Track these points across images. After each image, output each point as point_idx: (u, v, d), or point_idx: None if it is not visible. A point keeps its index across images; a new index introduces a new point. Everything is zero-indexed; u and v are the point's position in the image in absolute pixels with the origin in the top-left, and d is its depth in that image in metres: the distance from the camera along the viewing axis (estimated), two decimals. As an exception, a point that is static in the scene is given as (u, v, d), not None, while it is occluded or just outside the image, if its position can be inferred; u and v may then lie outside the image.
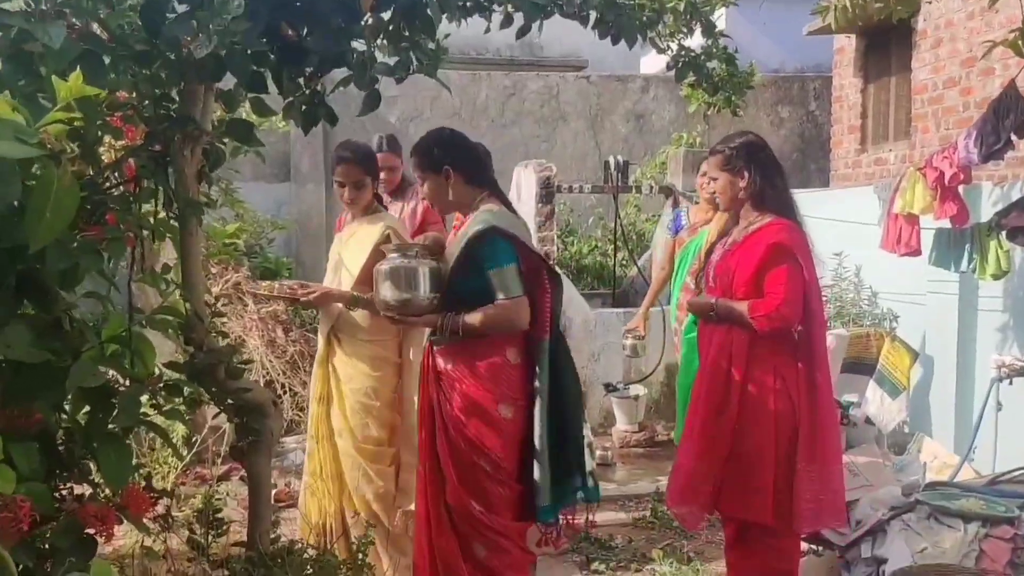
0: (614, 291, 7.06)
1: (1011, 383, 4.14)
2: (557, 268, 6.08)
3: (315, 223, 8.35)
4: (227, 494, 3.85)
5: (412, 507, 3.57)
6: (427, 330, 2.96)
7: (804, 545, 3.50)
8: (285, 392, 5.36)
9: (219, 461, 4.21)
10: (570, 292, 6.24)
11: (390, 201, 3.99)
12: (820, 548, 3.60)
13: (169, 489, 4.00)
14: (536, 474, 2.70)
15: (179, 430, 4.22)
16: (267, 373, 5.43)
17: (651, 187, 6.67)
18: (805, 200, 6.20)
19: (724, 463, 3.06)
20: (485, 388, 2.73)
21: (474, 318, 2.71)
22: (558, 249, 7.21)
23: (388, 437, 3.63)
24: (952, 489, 3.48)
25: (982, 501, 3.29)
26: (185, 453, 4.18)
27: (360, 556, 2.27)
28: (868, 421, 4.51)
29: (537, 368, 2.74)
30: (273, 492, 4.36)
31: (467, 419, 2.75)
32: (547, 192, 6.00)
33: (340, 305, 3.40)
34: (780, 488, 3.00)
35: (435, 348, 2.84)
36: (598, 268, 8.08)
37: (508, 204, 2.97)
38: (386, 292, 2.80)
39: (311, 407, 3.51)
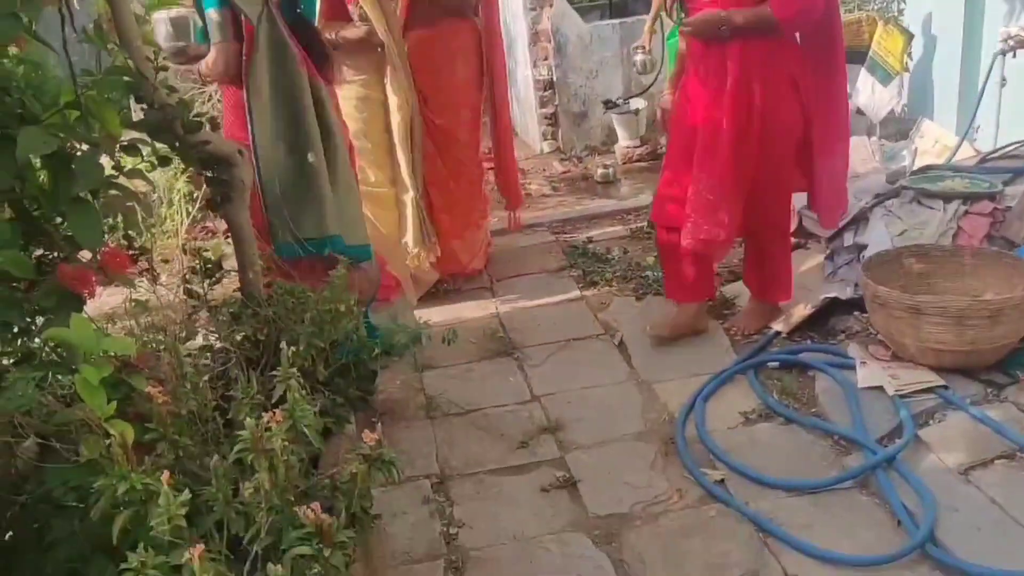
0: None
1: (1014, 56, 3.97)
2: None
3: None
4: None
5: (409, 242, 3.71)
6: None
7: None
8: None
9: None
10: (562, 6, 5.93)
11: None
12: (807, 243, 3.69)
13: (181, 244, 4.20)
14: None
15: (181, 187, 4.31)
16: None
17: None
18: None
19: (750, 186, 2.95)
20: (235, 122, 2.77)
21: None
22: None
23: (385, 179, 3.68)
24: (941, 171, 3.47)
25: (967, 180, 3.29)
26: (190, 209, 4.30)
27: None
28: (859, 112, 4.40)
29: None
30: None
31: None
32: None
33: None
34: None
35: None
36: (596, -25, 7.59)
37: None
38: (164, 42, 2.87)
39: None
